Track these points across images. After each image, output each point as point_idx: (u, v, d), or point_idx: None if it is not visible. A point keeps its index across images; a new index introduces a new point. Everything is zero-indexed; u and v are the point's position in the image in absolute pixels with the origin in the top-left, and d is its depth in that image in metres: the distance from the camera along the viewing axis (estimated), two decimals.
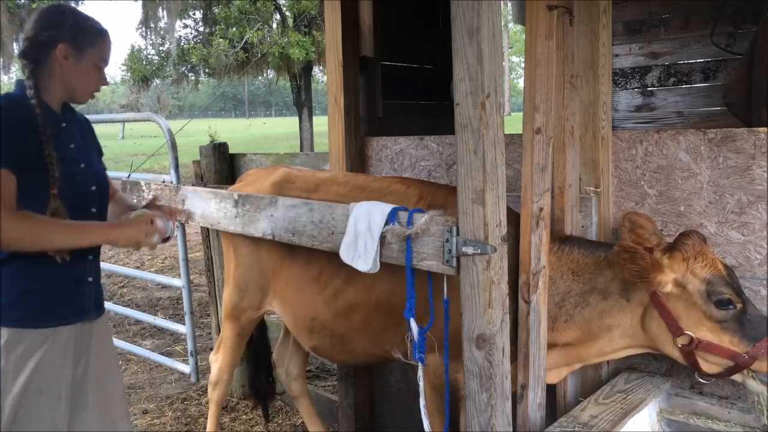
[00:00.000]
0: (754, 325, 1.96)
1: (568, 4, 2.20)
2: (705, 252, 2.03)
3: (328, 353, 2.72)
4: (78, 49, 1.96)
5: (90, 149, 2.14)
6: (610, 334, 2.15)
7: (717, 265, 2.02)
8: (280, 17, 17.31)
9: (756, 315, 1.98)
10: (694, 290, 2.01)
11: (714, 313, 1.98)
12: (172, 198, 3.05)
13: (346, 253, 2.17)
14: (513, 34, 45.47)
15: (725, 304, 1.97)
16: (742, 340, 1.96)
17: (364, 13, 3.70)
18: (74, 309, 1.99)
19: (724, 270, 2.03)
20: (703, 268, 2.01)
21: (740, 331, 1.96)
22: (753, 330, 1.95)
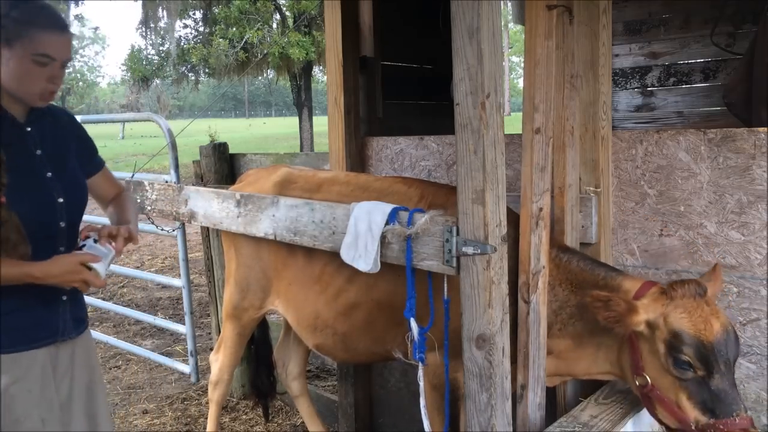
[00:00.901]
0: (717, 399, 1.80)
1: (568, 3, 2.20)
2: (699, 306, 1.87)
3: (331, 351, 2.72)
4: (8, 42, 1.70)
5: (63, 157, 1.93)
6: (596, 353, 2.11)
7: (706, 324, 1.84)
8: (280, 17, 17.32)
9: (724, 391, 1.80)
10: (659, 337, 1.89)
11: (671, 369, 1.86)
12: (174, 198, 3.06)
13: (346, 253, 2.18)
14: (513, 34, 45.47)
15: (682, 365, 1.84)
16: (698, 408, 1.82)
17: (364, 13, 3.70)
18: (47, 330, 1.86)
19: (717, 334, 1.83)
20: (680, 320, 1.86)
21: (699, 398, 1.83)
22: (713, 403, 1.81)
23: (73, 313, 1.95)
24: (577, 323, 2.15)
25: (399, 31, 4.20)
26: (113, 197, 2.16)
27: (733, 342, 1.86)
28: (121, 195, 2.19)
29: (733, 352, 1.85)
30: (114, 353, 5.00)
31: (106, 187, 2.16)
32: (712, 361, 1.81)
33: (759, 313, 2.19)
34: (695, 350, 1.82)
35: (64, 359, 1.92)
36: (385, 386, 3.44)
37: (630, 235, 2.44)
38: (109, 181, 2.17)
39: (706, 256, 2.27)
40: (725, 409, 1.79)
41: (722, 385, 1.81)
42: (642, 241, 2.41)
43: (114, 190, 2.17)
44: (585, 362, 2.16)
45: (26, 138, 1.85)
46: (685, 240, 2.32)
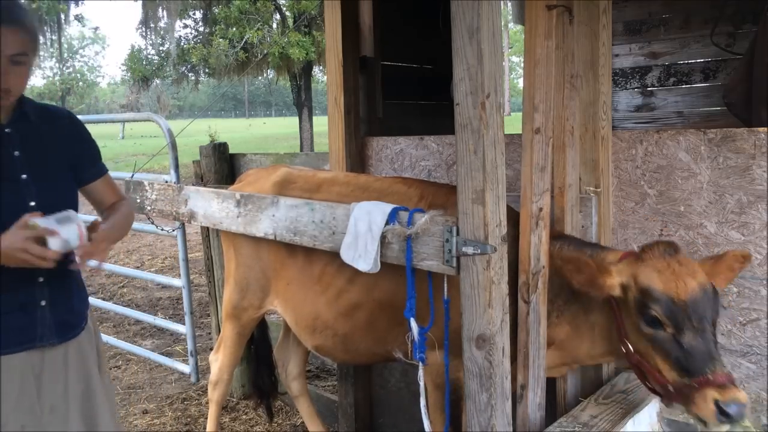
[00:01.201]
0: (690, 357, 1.77)
1: (568, 3, 2.20)
2: (671, 265, 1.85)
3: (331, 353, 2.72)
4: None
5: (45, 160, 1.88)
6: (593, 334, 2.11)
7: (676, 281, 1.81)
8: (280, 17, 17.32)
9: (697, 348, 1.77)
10: (631, 298, 1.89)
11: (643, 328, 1.85)
12: (174, 198, 3.06)
13: (346, 253, 2.18)
14: (513, 34, 45.47)
15: (651, 322, 1.83)
16: (672, 368, 1.81)
17: (364, 13, 3.70)
18: (23, 336, 1.82)
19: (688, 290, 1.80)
20: (648, 278, 1.84)
21: (672, 357, 1.80)
22: (687, 362, 1.78)
23: (58, 318, 1.90)
24: (572, 306, 2.16)
25: (399, 31, 4.20)
26: (111, 206, 2.09)
27: (708, 300, 1.82)
28: (118, 203, 2.12)
29: (709, 310, 1.82)
30: (114, 353, 5.00)
31: (105, 195, 2.10)
32: (682, 317, 1.79)
33: (759, 313, 2.19)
34: (663, 306, 1.81)
35: (52, 364, 1.88)
36: (385, 386, 3.44)
37: (630, 235, 2.44)
38: (109, 190, 2.11)
39: (706, 256, 2.27)
40: (699, 366, 1.76)
41: (695, 342, 1.78)
42: (642, 241, 2.41)
43: (113, 199, 2.11)
44: (585, 346, 2.16)
45: (3, 139, 1.80)
46: (685, 240, 2.32)
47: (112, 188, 2.13)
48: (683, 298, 1.80)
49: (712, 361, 1.76)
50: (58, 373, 1.90)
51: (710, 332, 1.81)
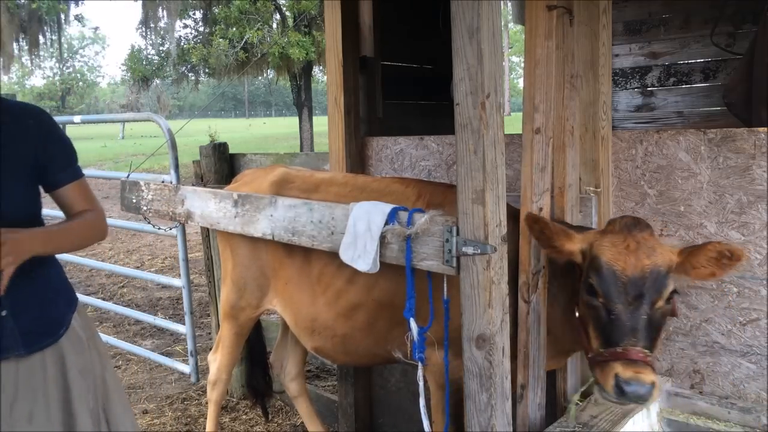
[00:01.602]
0: (612, 329, 1.80)
1: (568, 4, 2.20)
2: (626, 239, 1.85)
3: (330, 354, 2.72)
4: None
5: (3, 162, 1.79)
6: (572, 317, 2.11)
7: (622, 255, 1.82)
8: (280, 17, 17.32)
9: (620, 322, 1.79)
10: (584, 266, 1.92)
11: (583, 295, 1.89)
12: (171, 198, 3.05)
13: (345, 253, 2.18)
14: (513, 34, 45.48)
15: (588, 289, 1.86)
16: (597, 337, 1.85)
17: (364, 13, 3.69)
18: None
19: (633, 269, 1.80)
20: (600, 247, 1.86)
21: (599, 327, 1.84)
22: (608, 333, 1.80)
23: (24, 328, 1.83)
24: (562, 294, 2.16)
25: (399, 31, 4.20)
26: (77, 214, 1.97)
27: (652, 281, 1.81)
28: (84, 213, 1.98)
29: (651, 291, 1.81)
30: (114, 353, 5.00)
31: (75, 202, 1.97)
32: (615, 290, 1.81)
33: (759, 313, 2.19)
34: (600, 275, 1.83)
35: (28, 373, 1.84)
36: (385, 386, 3.44)
37: None
38: (81, 197, 1.98)
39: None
40: (615, 339, 1.78)
41: (621, 316, 1.79)
42: None
43: (83, 207, 1.98)
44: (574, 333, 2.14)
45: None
46: (685, 240, 2.32)
47: (84, 196, 1.99)
48: (623, 272, 1.81)
49: (630, 336, 1.77)
50: (35, 381, 1.84)
51: (645, 312, 1.80)
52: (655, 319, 1.81)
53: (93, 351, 2.04)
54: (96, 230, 2.00)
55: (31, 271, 1.78)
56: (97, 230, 2.01)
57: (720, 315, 2.26)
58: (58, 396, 1.90)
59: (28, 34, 17.79)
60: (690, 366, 2.33)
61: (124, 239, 9.92)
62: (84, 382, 1.97)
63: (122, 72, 34.18)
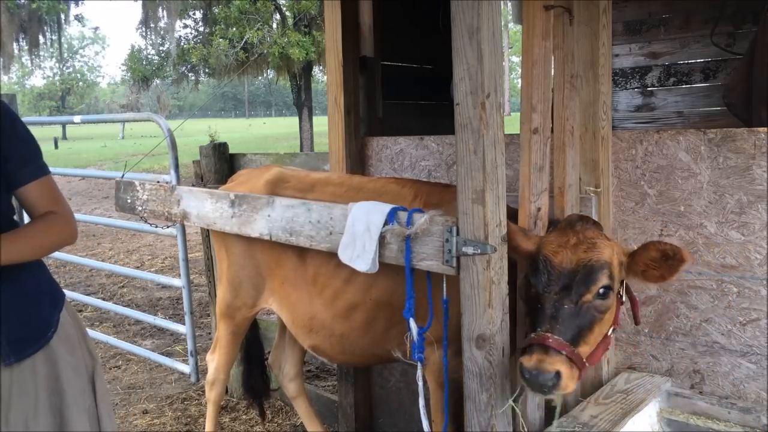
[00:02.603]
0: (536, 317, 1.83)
1: (568, 3, 2.20)
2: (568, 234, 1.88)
3: (327, 353, 2.72)
4: None
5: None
6: None
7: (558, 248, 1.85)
8: (280, 17, 17.32)
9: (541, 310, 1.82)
10: None
11: (522, 289, 1.93)
12: (166, 198, 3.04)
13: (344, 253, 2.17)
14: (513, 34, 45.49)
15: (525, 280, 1.90)
16: (528, 325, 1.89)
17: (364, 13, 3.69)
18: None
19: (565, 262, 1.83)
20: (543, 243, 1.90)
21: (528, 311, 1.90)
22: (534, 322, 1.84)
23: (12, 337, 1.79)
24: None
25: (399, 31, 4.20)
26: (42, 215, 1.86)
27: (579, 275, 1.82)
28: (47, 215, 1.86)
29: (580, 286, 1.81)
30: (114, 353, 5.00)
31: (37, 203, 1.86)
32: (542, 280, 1.83)
33: (759, 313, 2.19)
34: (534, 265, 1.87)
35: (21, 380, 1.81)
36: (385, 386, 3.44)
37: (630, 235, 2.44)
38: (45, 196, 1.87)
39: (706, 256, 2.27)
40: (536, 326, 1.80)
41: (544, 304, 1.81)
42: (642, 241, 2.41)
43: (47, 208, 1.87)
44: None
45: None
46: (685, 240, 2.32)
47: (48, 195, 1.87)
48: (554, 264, 1.84)
49: (546, 323, 1.78)
50: (28, 386, 1.82)
51: (568, 303, 1.80)
52: (581, 313, 1.80)
53: (84, 347, 2.01)
54: (61, 234, 1.87)
55: (9, 276, 1.73)
56: (64, 233, 1.87)
57: (720, 315, 2.26)
58: (50, 400, 1.86)
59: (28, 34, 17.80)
60: (690, 366, 2.33)
61: (124, 239, 9.92)
62: (78, 381, 1.94)
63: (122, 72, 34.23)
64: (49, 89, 55.10)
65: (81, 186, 17.32)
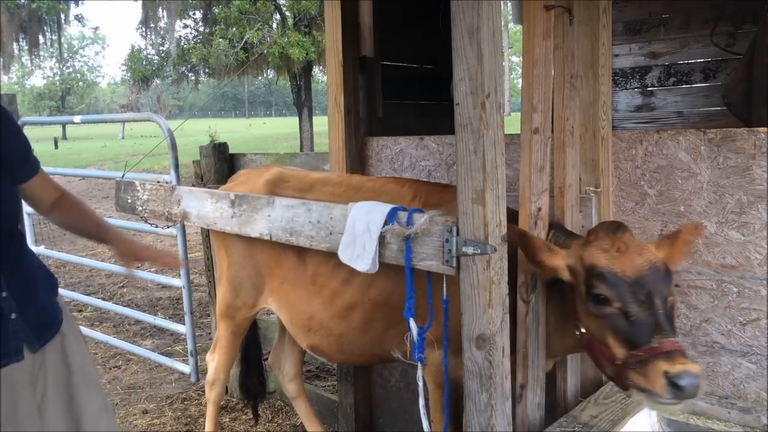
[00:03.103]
0: (635, 329, 1.76)
1: (568, 3, 2.20)
2: (615, 243, 1.86)
3: (325, 353, 2.72)
4: None
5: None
6: (565, 319, 2.10)
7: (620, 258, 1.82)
8: (280, 17, 17.32)
9: (642, 319, 1.76)
10: (580, 280, 1.89)
11: (591, 307, 1.85)
12: (167, 198, 3.04)
13: (344, 253, 2.17)
14: (513, 34, 45.48)
15: (598, 300, 1.82)
16: (621, 343, 1.78)
17: (364, 13, 3.69)
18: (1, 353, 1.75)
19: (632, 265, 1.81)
20: (592, 256, 1.85)
21: (621, 333, 1.79)
22: (633, 335, 1.76)
23: (32, 324, 1.83)
24: (552, 298, 2.16)
25: (399, 31, 4.20)
26: (55, 201, 2.02)
27: (656, 276, 1.81)
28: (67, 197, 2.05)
29: (659, 285, 1.80)
30: (114, 353, 5.00)
31: (44, 192, 2.00)
32: (627, 292, 1.78)
33: (759, 313, 2.19)
34: (607, 282, 1.81)
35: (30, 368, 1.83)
36: (385, 386, 3.44)
37: None
38: (47, 185, 2.00)
39: (706, 256, 2.27)
40: (644, 337, 1.73)
41: (641, 315, 1.76)
42: None
43: (54, 194, 2.02)
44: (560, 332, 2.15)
45: None
46: None
47: (49, 184, 2.01)
48: (628, 273, 1.80)
49: (659, 331, 1.72)
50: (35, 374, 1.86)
51: (661, 307, 1.78)
52: (670, 312, 1.79)
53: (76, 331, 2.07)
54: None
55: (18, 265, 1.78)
56: None
57: (720, 315, 2.26)
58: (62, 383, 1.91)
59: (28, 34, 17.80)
60: None
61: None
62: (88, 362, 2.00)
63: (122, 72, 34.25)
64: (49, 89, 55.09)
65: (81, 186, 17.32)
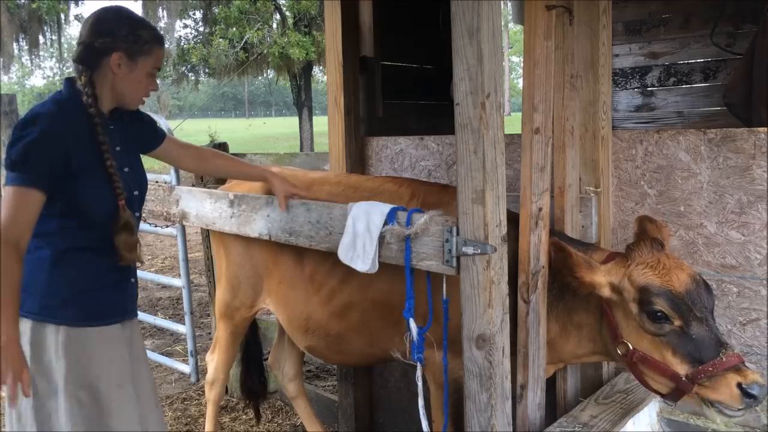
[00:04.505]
0: (700, 345, 1.78)
1: (568, 3, 2.20)
2: (661, 260, 1.88)
3: (323, 353, 2.71)
4: (132, 58, 1.95)
5: (133, 151, 2.15)
6: (579, 333, 2.11)
7: (671, 275, 1.85)
8: (280, 17, 17.31)
9: (704, 335, 1.79)
10: (628, 298, 1.89)
11: (648, 326, 1.85)
12: (165, 198, 3.04)
13: (344, 253, 2.17)
14: (513, 34, 45.44)
15: (657, 318, 1.83)
16: (684, 359, 1.79)
17: (364, 13, 3.69)
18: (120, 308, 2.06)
19: (684, 283, 1.83)
20: (644, 275, 1.86)
21: (682, 349, 1.80)
22: (698, 351, 1.77)
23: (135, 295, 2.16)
24: (559, 304, 2.16)
25: (399, 31, 4.19)
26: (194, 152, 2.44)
27: (704, 290, 1.85)
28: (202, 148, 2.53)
29: (707, 300, 1.84)
30: None
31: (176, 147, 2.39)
32: (686, 308, 1.81)
33: (759, 313, 2.19)
34: (667, 300, 1.82)
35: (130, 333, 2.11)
36: (385, 386, 3.44)
37: (630, 235, 2.44)
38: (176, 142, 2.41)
39: (706, 256, 2.27)
40: (710, 352, 1.76)
41: (702, 330, 1.79)
42: None
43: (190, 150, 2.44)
44: (571, 345, 2.16)
45: (112, 135, 2.01)
46: (685, 240, 2.32)
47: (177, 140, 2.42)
48: (681, 289, 1.83)
49: (723, 344, 1.77)
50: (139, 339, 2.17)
51: (712, 319, 1.83)
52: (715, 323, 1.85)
53: None
54: None
55: None
56: None
57: (720, 315, 2.26)
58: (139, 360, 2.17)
59: (28, 34, 17.77)
60: None
61: None
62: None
63: None
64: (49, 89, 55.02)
65: None
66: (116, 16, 1.96)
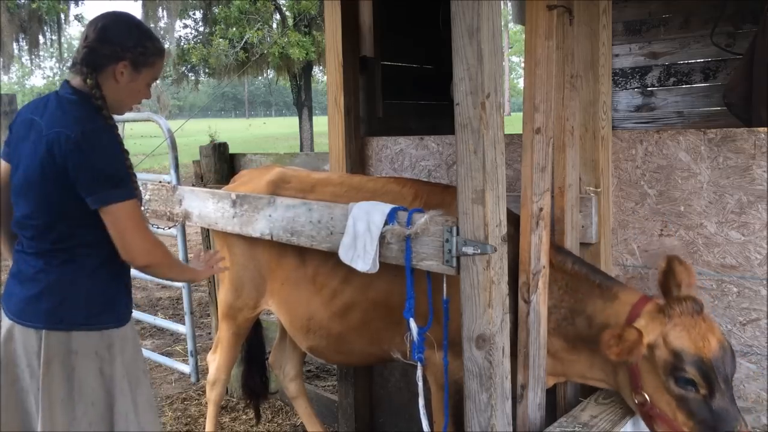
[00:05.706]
0: (717, 416, 1.79)
1: (568, 3, 2.20)
2: (698, 324, 1.87)
3: (324, 354, 2.71)
4: (136, 68, 1.98)
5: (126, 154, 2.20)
6: (591, 361, 2.10)
7: (705, 342, 1.84)
8: (280, 17, 17.32)
9: (724, 407, 1.80)
10: (660, 357, 1.88)
11: (672, 388, 1.86)
12: (168, 198, 3.05)
13: (345, 253, 2.17)
14: (513, 34, 45.46)
15: (685, 384, 1.84)
16: (699, 427, 1.82)
17: (364, 13, 3.69)
18: (129, 310, 2.20)
19: (716, 351, 1.83)
20: (680, 339, 1.85)
21: (699, 417, 1.82)
22: (714, 421, 1.80)
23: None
24: (569, 326, 2.14)
25: (399, 31, 4.20)
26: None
27: (730, 358, 1.87)
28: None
29: (731, 368, 1.87)
30: None
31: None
32: (713, 378, 1.82)
33: (759, 313, 2.19)
34: (698, 369, 1.83)
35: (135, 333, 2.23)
36: (385, 386, 3.44)
37: (630, 235, 2.44)
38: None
39: (706, 256, 2.27)
40: (725, 425, 1.80)
41: (723, 403, 1.81)
42: (642, 241, 2.41)
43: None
44: (579, 366, 2.16)
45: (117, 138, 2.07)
46: (685, 240, 2.32)
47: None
48: (711, 359, 1.83)
49: (737, 419, 1.80)
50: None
51: (731, 388, 1.84)
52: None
53: None
54: None
55: None
56: None
57: (720, 315, 2.26)
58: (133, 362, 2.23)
59: (28, 34, 17.78)
60: None
61: None
62: None
63: None
64: (49, 89, 55.08)
65: None
66: (126, 24, 1.98)
